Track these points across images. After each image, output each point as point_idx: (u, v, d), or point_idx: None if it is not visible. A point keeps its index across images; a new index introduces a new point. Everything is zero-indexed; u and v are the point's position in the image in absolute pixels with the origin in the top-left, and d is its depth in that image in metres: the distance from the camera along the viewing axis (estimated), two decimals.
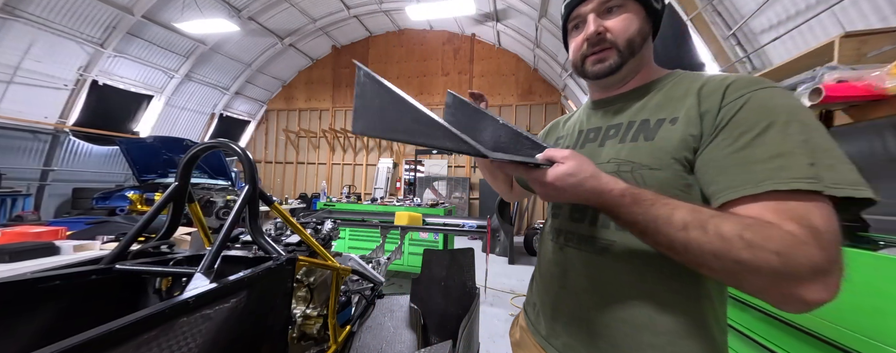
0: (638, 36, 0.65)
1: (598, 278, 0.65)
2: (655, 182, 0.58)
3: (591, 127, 0.75)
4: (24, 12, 5.35)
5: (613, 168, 0.63)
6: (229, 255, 0.99)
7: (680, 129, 0.58)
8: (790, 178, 0.45)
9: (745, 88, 0.54)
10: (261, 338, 0.82)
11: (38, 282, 0.70)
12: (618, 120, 0.69)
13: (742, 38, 2.86)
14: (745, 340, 1.47)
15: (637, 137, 0.63)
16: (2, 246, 1.73)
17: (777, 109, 0.50)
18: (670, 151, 0.58)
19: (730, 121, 0.52)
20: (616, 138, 0.67)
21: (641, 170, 0.60)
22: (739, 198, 0.48)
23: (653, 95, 0.66)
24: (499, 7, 7.25)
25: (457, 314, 1.65)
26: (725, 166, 0.51)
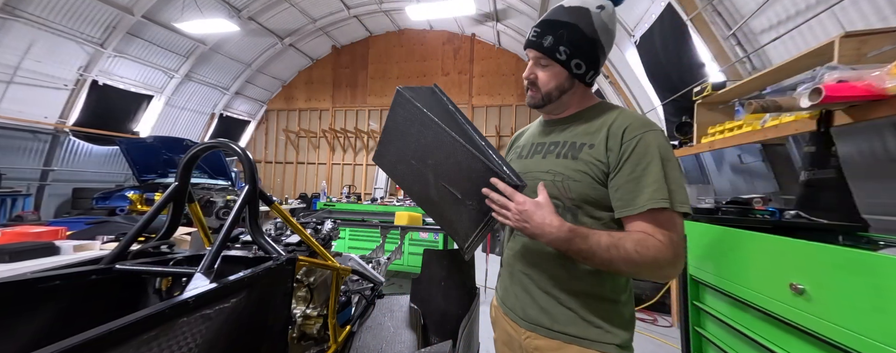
0: (555, 90, 0.88)
1: (534, 255, 0.91)
2: (575, 189, 0.83)
3: (539, 142, 0.97)
4: (24, 12, 5.35)
5: (551, 177, 0.86)
6: (229, 255, 0.99)
7: (593, 153, 0.82)
8: (658, 199, 0.73)
9: (637, 130, 0.78)
10: (261, 338, 0.82)
11: (38, 282, 0.70)
12: (557, 138, 0.92)
13: (742, 38, 2.86)
14: (745, 340, 1.47)
15: (567, 155, 0.86)
16: (2, 246, 1.73)
17: (654, 150, 0.76)
18: (585, 169, 0.82)
19: (629, 156, 0.77)
20: (554, 153, 0.90)
21: (567, 181, 0.83)
22: (631, 215, 0.76)
23: (580, 123, 0.90)
24: (499, 7, 7.25)
25: (457, 314, 1.65)
26: (624, 191, 0.77)
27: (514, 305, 0.94)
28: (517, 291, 0.94)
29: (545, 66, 0.87)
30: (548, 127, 0.98)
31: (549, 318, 0.85)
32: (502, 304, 1.00)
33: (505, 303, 0.99)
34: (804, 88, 1.39)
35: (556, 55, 0.84)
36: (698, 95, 2.49)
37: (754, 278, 1.44)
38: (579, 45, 0.83)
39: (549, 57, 0.85)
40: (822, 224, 1.61)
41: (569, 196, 0.83)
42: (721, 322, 1.64)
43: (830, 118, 1.45)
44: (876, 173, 1.85)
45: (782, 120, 1.69)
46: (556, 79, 0.87)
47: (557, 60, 0.85)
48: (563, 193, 0.83)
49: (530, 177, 0.89)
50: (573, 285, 0.84)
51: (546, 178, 0.85)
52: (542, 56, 0.86)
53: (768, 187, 2.72)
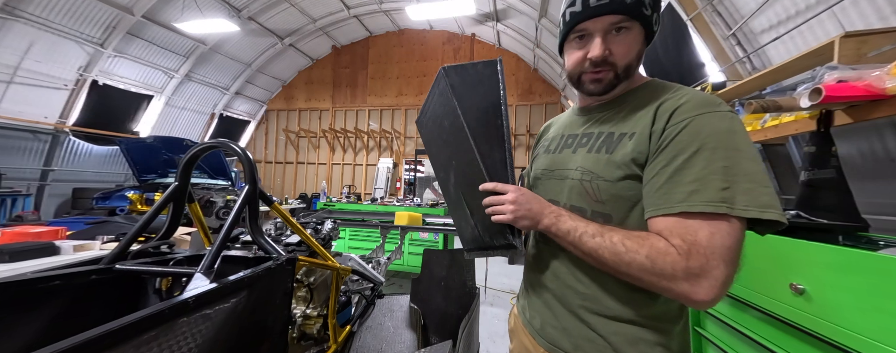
0: (636, 60, 0.68)
1: (557, 271, 0.75)
2: (608, 193, 0.66)
3: (571, 133, 0.81)
4: (24, 12, 5.35)
5: (578, 175, 0.71)
6: (229, 255, 0.99)
7: (632, 145, 0.64)
8: (700, 201, 0.54)
9: (689, 112, 0.59)
10: (261, 338, 0.82)
11: (38, 282, 0.70)
12: (592, 129, 0.75)
13: (742, 38, 2.86)
14: (745, 340, 1.47)
15: (600, 149, 0.69)
16: (2, 246, 1.73)
17: (710, 135, 0.56)
18: (620, 167, 0.64)
19: (669, 143, 0.59)
20: (586, 147, 0.73)
21: (598, 181, 0.67)
22: (658, 216, 0.58)
23: (623, 108, 0.71)
24: (499, 7, 7.25)
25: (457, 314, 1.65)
26: (655, 186, 0.59)
27: (533, 318, 0.80)
28: (538, 304, 0.80)
29: (622, 30, 0.64)
30: (584, 115, 0.80)
31: (571, 342, 0.70)
32: (522, 314, 0.87)
33: (524, 314, 0.86)
34: (804, 88, 1.39)
35: (643, 10, 0.63)
36: None
37: (754, 278, 1.44)
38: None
39: (633, 16, 0.63)
40: (822, 224, 1.61)
41: (597, 199, 0.67)
42: (721, 322, 1.64)
43: (830, 118, 1.45)
44: (876, 173, 1.85)
45: (782, 120, 1.69)
46: (636, 44, 0.66)
47: (643, 17, 0.64)
48: (590, 195, 0.68)
49: (556, 176, 0.77)
50: (606, 305, 0.67)
51: (573, 176, 0.71)
52: (623, 18, 0.63)
53: None
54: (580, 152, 0.73)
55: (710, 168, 0.54)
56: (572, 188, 0.72)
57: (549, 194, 0.78)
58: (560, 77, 7.40)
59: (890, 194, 1.78)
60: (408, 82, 9.66)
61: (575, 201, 0.71)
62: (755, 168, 0.54)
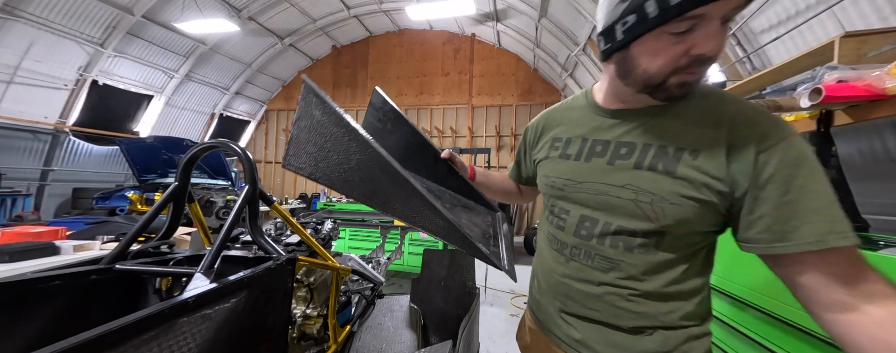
0: None
1: (601, 291, 0.68)
2: (673, 214, 0.59)
3: (600, 138, 0.70)
4: (24, 12, 5.35)
5: (631, 196, 0.62)
6: (229, 255, 0.99)
7: (704, 167, 0.57)
8: (840, 233, 0.49)
9: (776, 137, 0.53)
10: (261, 338, 0.82)
11: (38, 282, 0.70)
12: (630, 138, 0.65)
13: (742, 38, 2.86)
14: (745, 340, 1.47)
15: (655, 166, 0.61)
16: (2, 246, 1.73)
17: (810, 160, 0.52)
18: (692, 190, 0.57)
19: (774, 173, 0.52)
20: (629, 160, 0.64)
21: (661, 203, 0.59)
22: (793, 253, 0.52)
23: (671, 116, 0.62)
24: (499, 7, 7.25)
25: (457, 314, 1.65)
26: (773, 219, 0.53)
27: (563, 335, 0.75)
28: (560, 320, 0.76)
29: (729, 20, 0.52)
30: (615, 118, 0.69)
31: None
32: (545, 329, 0.81)
33: (549, 329, 0.79)
34: (804, 88, 1.39)
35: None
36: None
37: (754, 279, 1.44)
38: None
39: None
40: None
41: (660, 222, 0.60)
42: (721, 322, 1.64)
43: (830, 118, 1.46)
44: (876, 173, 1.85)
45: None
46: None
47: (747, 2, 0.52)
48: (651, 217, 0.60)
49: (587, 190, 0.68)
50: (650, 315, 0.65)
51: (624, 195, 0.63)
52: (742, 3, 0.50)
53: None
54: (623, 166, 0.64)
55: (827, 198, 0.51)
56: (621, 208, 0.64)
57: (580, 210, 0.70)
58: (560, 77, 7.40)
59: (890, 194, 1.78)
60: (408, 82, 9.65)
61: (624, 223, 0.63)
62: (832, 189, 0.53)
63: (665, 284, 0.63)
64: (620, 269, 0.65)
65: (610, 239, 0.66)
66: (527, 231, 6.05)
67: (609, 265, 0.66)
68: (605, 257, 0.66)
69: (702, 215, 0.58)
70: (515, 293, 3.81)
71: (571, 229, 0.72)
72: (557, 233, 0.76)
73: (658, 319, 0.64)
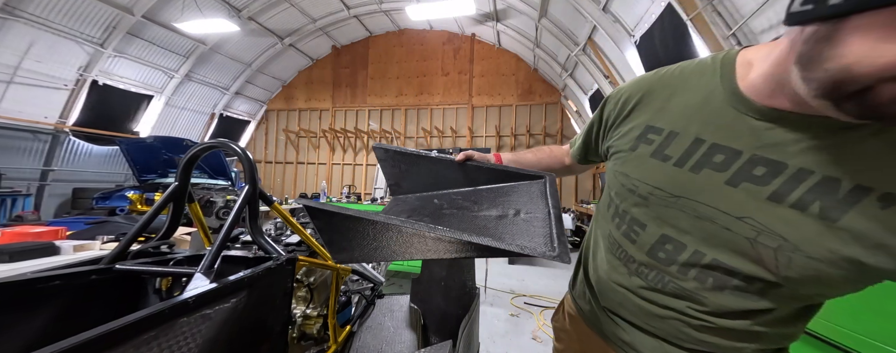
0: None
1: (666, 315, 0.57)
2: (805, 272, 0.43)
3: (726, 144, 0.48)
4: (24, 12, 5.35)
5: (750, 233, 0.45)
6: (229, 255, 0.99)
7: (888, 219, 0.38)
8: None
9: None
10: (261, 338, 0.82)
11: (38, 282, 0.70)
12: (781, 156, 0.44)
13: (742, 38, 2.86)
14: None
15: (809, 205, 0.42)
16: (2, 246, 1.73)
17: None
18: (858, 250, 0.39)
19: None
20: (765, 187, 0.45)
21: (794, 253, 0.43)
22: None
23: (870, 134, 0.39)
24: (499, 7, 7.25)
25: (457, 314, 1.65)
26: None
27: (610, 332, 0.68)
28: (608, 319, 0.68)
29: None
30: (768, 121, 0.46)
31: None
32: (591, 323, 0.73)
33: (596, 325, 0.72)
34: None
35: None
36: None
37: None
38: None
39: None
40: None
41: (780, 273, 0.45)
42: None
43: None
44: None
45: None
46: None
47: None
48: (769, 266, 0.46)
49: (690, 208, 0.51)
50: (696, 344, 0.56)
51: (738, 230, 0.47)
52: None
53: None
54: (751, 192, 0.46)
55: None
56: (726, 242, 0.48)
57: (664, 228, 0.55)
58: (560, 77, 7.40)
59: None
60: (408, 82, 9.66)
61: (726, 259, 0.49)
62: None
63: (751, 324, 0.51)
64: (698, 302, 0.53)
65: (697, 271, 0.52)
66: None
67: (684, 295, 0.54)
68: (684, 288, 0.53)
69: (851, 280, 0.42)
70: (515, 293, 3.81)
71: (646, 246, 0.57)
72: (625, 242, 0.61)
73: (727, 351, 0.54)
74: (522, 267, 5.05)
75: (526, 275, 4.60)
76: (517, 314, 3.23)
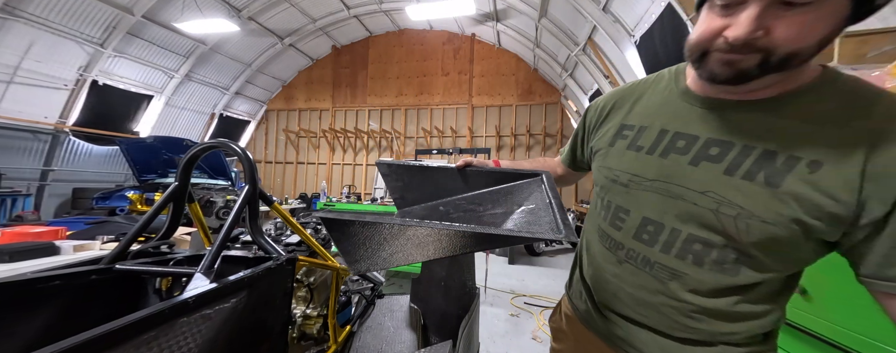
0: (813, 47, 0.44)
1: (657, 301, 0.61)
2: (761, 236, 0.49)
3: (683, 131, 0.58)
4: (24, 12, 5.35)
5: (711, 205, 0.52)
6: (229, 255, 0.99)
7: (823, 183, 0.45)
8: None
9: None
10: (261, 338, 0.82)
11: (38, 282, 0.70)
12: (728, 136, 0.53)
13: None
14: None
15: (754, 175, 0.49)
16: (2, 246, 1.73)
17: None
18: (798, 210, 0.46)
19: None
20: (719, 164, 0.52)
21: (749, 219, 0.49)
22: None
23: (790, 114, 0.49)
24: (499, 7, 7.25)
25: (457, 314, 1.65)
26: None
27: (611, 334, 0.70)
28: (603, 316, 0.71)
29: (803, 4, 0.42)
30: (712, 110, 0.56)
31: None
32: (586, 322, 0.77)
33: (590, 324, 0.75)
34: None
35: None
36: None
37: None
38: None
39: None
40: None
41: (742, 239, 0.51)
42: None
43: None
44: None
45: None
46: (823, 25, 0.43)
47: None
48: (732, 233, 0.51)
49: (658, 189, 0.59)
50: (685, 332, 0.59)
51: (702, 203, 0.53)
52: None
53: None
54: (708, 169, 0.53)
55: None
56: (695, 216, 0.55)
57: (644, 211, 0.61)
58: (560, 77, 7.40)
59: None
60: (408, 82, 9.66)
61: (698, 232, 0.55)
62: None
63: (734, 303, 0.55)
64: (683, 282, 0.57)
65: (677, 249, 0.57)
66: None
67: (670, 276, 0.58)
68: (667, 267, 0.58)
69: (799, 241, 0.48)
70: (515, 293, 3.81)
71: (631, 231, 0.63)
72: (612, 231, 0.67)
73: (717, 337, 0.58)
74: (522, 267, 5.05)
75: (526, 275, 4.60)
76: (517, 314, 3.23)
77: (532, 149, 8.64)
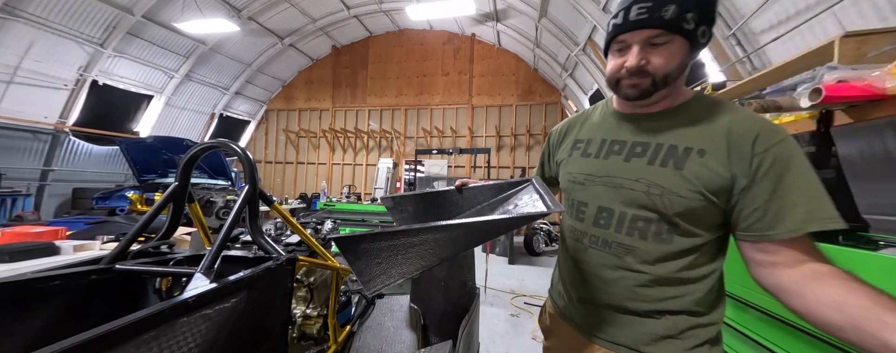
0: (676, 70, 0.69)
1: (611, 276, 0.76)
2: (680, 208, 0.68)
3: (616, 138, 0.79)
4: (24, 12, 5.35)
5: (643, 188, 0.71)
6: (229, 255, 0.99)
7: (710, 165, 0.66)
8: (824, 219, 0.59)
9: (772, 139, 0.63)
10: (261, 338, 0.82)
11: (38, 282, 0.70)
12: (644, 139, 0.75)
13: (742, 38, 2.86)
14: (745, 340, 1.47)
15: (666, 163, 0.70)
16: (2, 246, 1.73)
17: (799, 162, 0.62)
18: (699, 185, 0.66)
19: (768, 170, 0.62)
20: (643, 158, 0.73)
21: (670, 196, 0.68)
22: (779, 240, 0.61)
23: (679, 121, 0.73)
24: (499, 7, 7.25)
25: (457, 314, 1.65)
26: (764, 211, 0.62)
27: (586, 322, 0.83)
28: (584, 311, 0.84)
29: (662, 44, 0.67)
30: (631, 122, 0.79)
31: (631, 337, 0.75)
32: (564, 316, 0.90)
33: (568, 316, 0.88)
34: (804, 88, 1.39)
35: (684, 23, 0.64)
36: None
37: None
38: (707, 6, 0.65)
39: (673, 29, 0.65)
40: None
41: (668, 211, 0.68)
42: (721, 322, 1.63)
43: (830, 118, 1.45)
44: (876, 173, 1.85)
45: (782, 120, 1.69)
46: (677, 56, 0.67)
47: (684, 31, 0.65)
48: (660, 208, 0.69)
49: (605, 183, 0.77)
50: (662, 300, 0.72)
51: (636, 188, 0.72)
52: (661, 32, 0.65)
53: None
54: (637, 163, 0.73)
55: (812, 191, 0.60)
56: (635, 199, 0.73)
57: (598, 201, 0.79)
58: (560, 77, 7.40)
59: (890, 193, 1.78)
60: (408, 82, 9.66)
61: (639, 212, 0.73)
62: (820, 184, 0.61)
63: (677, 269, 0.70)
64: (635, 255, 0.73)
65: (626, 228, 0.74)
66: (526, 231, 6.06)
67: (625, 251, 0.74)
68: (622, 244, 0.75)
69: (706, 208, 0.67)
70: (515, 293, 3.81)
71: (591, 219, 0.80)
72: (577, 224, 0.83)
73: (668, 303, 0.71)
74: (522, 267, 5.05)
75: (526, 275, 4.60)
76: (517, 314, 3.23)
77: (532, 149, 8.64)
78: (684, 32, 0.65)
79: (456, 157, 9.01)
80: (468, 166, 8.87)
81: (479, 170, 8.12)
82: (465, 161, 8.97)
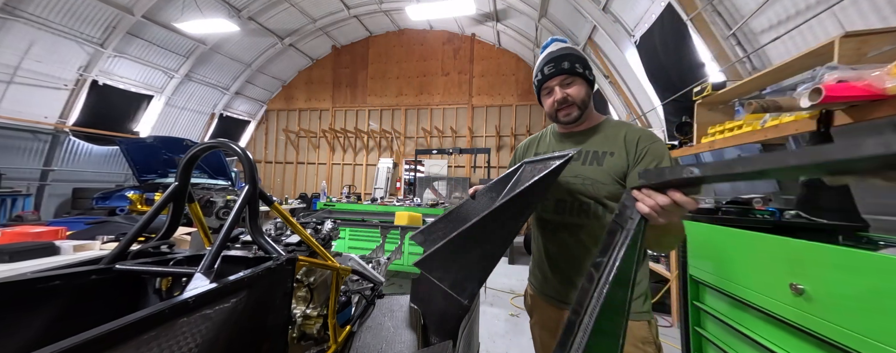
0: (586, 97, 1.08)
1: (574, 248, 1.07)
2: (605, 192, 1.02)
3: (562, 152, 1.09)
4: (24, 12, 5.35)
5: (580, 182, 1.06)
6: (229, 255, 0.99)
7: (615, 160, 1.03)
8: None
9: (648, 141, 1.02)
10: (261, 338, 0.82)
11: (38, 282, 0.70)
12: (578, 148, 1.07)
13: (742, 38, 2.86)
14: (745, 340, 1.47)
15: (593, 163, 1.06)
16: (2, 246, 1.73)
17: (663, 153, 1.00)
18: (613, 174, 1.03)
19: (645, 155, 1.00)
20: (579, 161, 1.08)
21: (596, 184, 1.04)
22: None
23: (597, 135, 1.10)
24: (499, 7, 7.25)
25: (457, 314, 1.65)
26: None
27: (558, 292, 1.11)
28: (556, 282, 1.12)
29: (570, 84, 1.06)
30: (568, 139, 1.16)
31: None
32: (541, 294, 1.18)
33: (545, 292, 1.16)
34: (804, 88, 1.39)
35: (577, 69, 1.05)
36: (698, 95, 2.49)
37: (754, 279, 1.44)
38: (584, 62, 1.08)
39: (572, 74, 1.05)
40: (822, 224, 1.61)
41: (599, 195, 1.02)
42: (721, 322, 1.64)
43: (830, 118, 1.45)
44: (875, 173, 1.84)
45: (782, 120, 1.69)
46: (582, 89, 1.07)
47: (578, 74, 1.06)
48: (594, 193, 1.03)
49: (563, 181, 1.09)
50: None
51: (577, 182, 1.06)
52: (566, 76, 1.05)
53: (768, 188, 2.72)
54: (575, 165, 1.08)
55: (666, 165, 0.98)
56: (579, 190, 1.06)
57: (557, 194, 1.10)
58: None
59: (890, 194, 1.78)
60: (408, 82, 9.66)
61: (582, 198, 1.06)
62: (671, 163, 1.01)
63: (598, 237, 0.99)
64: (587, 231, 1.05)
65: (577, 210, 1.06)
66: (526, 231, 6.05)
67: (579, 229, 1.06)
68: (577, 224, 1.07)
69: (616, 187, 1.01)
70: (515, 293, 3.81)
71: (551, 209, 1.12)
72: (543, 214, 1.15)
73: None
74: (522, 267, 5.05)
75: (526, 275, 4.59)
76: (517, 314, 3.23)
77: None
78: (579, 74, 1.06)
79: (456, 157, 9.01)
80: (468, 166, 8.87)
81: (479, 170, 8.11)
82: (465, 161, 8.97)
